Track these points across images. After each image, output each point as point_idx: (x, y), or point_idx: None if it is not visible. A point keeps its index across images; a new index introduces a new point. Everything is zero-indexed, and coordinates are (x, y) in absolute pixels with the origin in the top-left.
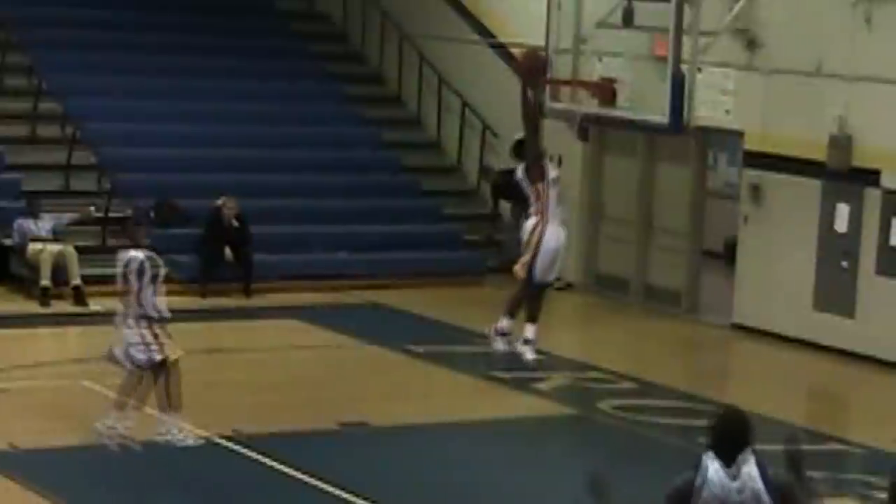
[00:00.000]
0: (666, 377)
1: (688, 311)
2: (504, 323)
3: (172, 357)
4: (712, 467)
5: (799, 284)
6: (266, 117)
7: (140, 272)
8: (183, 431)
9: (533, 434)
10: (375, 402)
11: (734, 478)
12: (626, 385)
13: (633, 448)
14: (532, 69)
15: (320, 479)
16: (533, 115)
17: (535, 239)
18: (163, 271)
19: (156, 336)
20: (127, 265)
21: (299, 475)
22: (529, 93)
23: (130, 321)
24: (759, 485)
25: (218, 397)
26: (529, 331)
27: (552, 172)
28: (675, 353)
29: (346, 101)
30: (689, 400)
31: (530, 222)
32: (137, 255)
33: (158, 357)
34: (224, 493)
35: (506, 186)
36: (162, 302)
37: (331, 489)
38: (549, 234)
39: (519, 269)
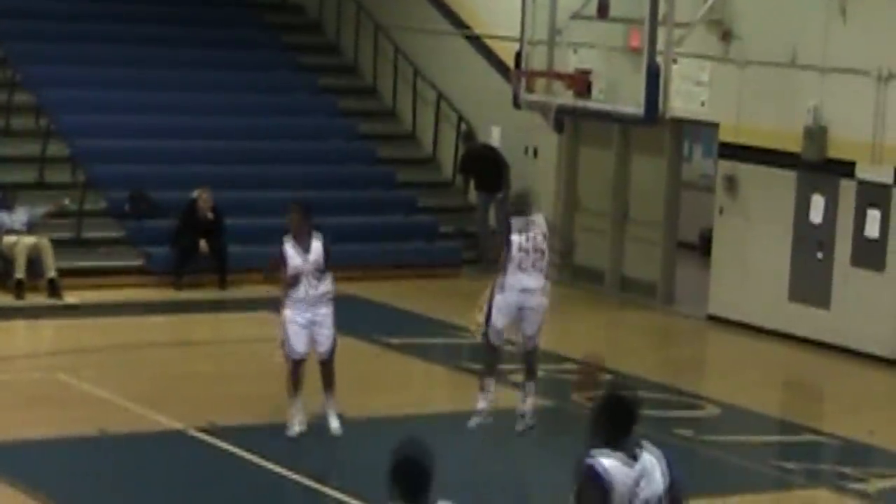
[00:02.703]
0: (641, 368)
1: (663, 302)
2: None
3: None
4: (608, 462)
5: (774, 275)
6: (241, 109)
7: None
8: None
9: (508, 426)
10: (349, 393)
11: (632, 465)
12: (602, 376)
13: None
14: (589, 384)
15: (294, 470)
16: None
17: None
18: None
19: None
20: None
21: (274, 466)
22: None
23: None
24: (658, 474)
25: (192, 389)
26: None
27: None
28: (650, 344)
29: (320, 93)
30: (664, 391)
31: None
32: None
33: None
34: (199, 484)
35: (474, 158)
36: None
37: (305, 480)
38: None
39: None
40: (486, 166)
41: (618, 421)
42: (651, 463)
